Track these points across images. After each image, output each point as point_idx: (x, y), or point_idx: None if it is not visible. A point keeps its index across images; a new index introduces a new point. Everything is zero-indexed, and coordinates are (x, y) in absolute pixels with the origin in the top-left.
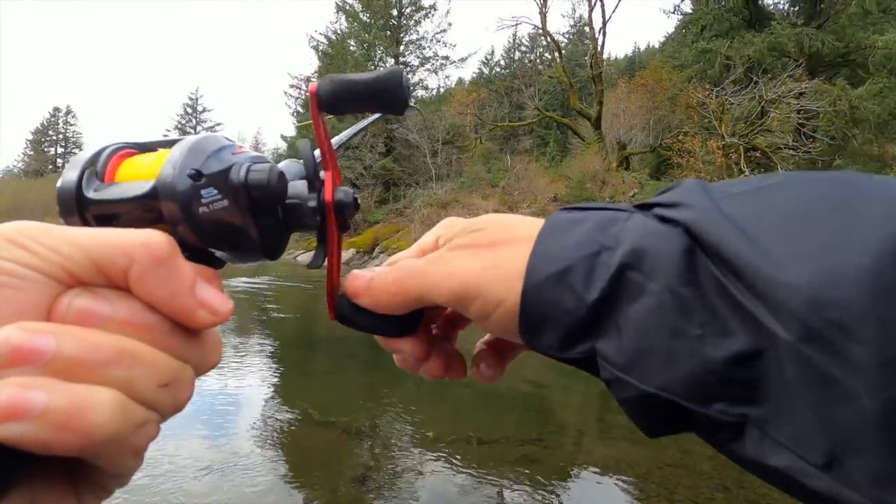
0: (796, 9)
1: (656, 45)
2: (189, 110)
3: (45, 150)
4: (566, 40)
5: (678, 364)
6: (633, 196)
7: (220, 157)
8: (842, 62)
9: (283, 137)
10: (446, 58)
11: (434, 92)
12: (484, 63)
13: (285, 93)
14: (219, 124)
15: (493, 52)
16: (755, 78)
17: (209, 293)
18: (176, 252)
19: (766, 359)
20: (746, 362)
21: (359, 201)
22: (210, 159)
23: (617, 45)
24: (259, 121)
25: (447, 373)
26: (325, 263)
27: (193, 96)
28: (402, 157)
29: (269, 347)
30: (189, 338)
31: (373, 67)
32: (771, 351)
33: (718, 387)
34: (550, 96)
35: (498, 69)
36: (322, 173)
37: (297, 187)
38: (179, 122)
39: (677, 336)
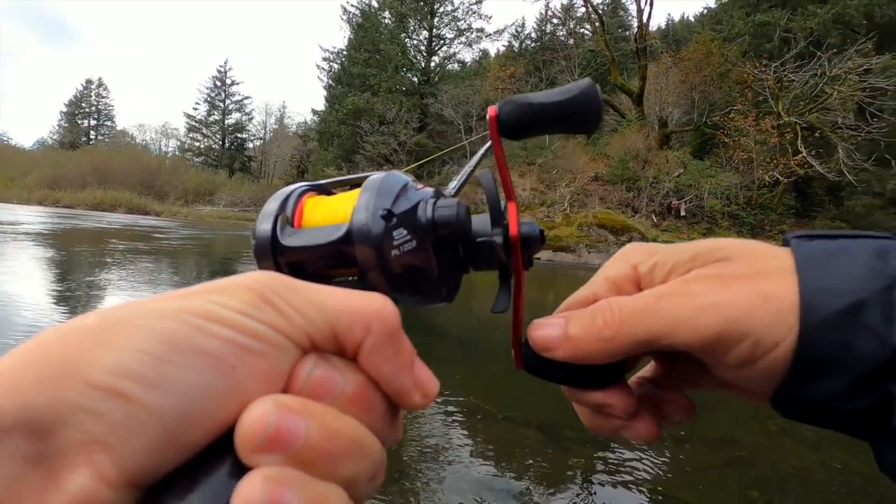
0: None
1: (691, 18)
2: (218, 83)
3: (79, 122)
4: (602, 11)
5: None
6: (677, 176)
7: (407, 195)
8: None
9: (314, 111)
10: (481, 30)
11: (467, 66)
12: (514, 36)
13: (317, 66)
14: (247, 98)
15: (524, 24)
16: (819, 53)
17: (424, 372)
18: (400, 324)
19: None
20: None
21: (545, 234)
22: (399, 199)
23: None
24: (285, 93)
25: (661, 425)
26: (511, 306)
27: (222, 69)
28: (435, 132)
29: None
30: (394, 419)
31: (406, 39)
32: None
33: None
34: (585, 71)
35: (529, 41)
36: (504, 205)
37: (479, 222)
38: (209, 95)
39: None
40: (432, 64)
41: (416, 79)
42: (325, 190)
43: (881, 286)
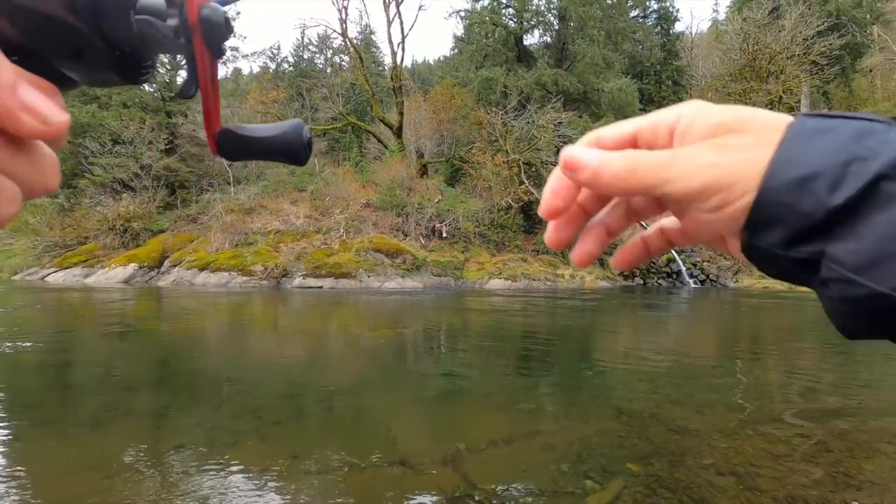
0: (548, 52)
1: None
2: None
3: None
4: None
5: None
6: (437, 202)
7: None
8: (583, 99)
9: None
10: (236, 49)
11: (221, 84)
12: (270, 58)
13: None
14: None
15: (279, 48)
16: (528, 106)
17: (36, 98)
18: None
19: None
20: None
21: (231, 23)
22: None
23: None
24: None
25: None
26: (199, 94)
27: None
28: (189, 156)
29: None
30: (13, 149)
31: None
32: None
33: None
34: (350, 101)
35: (286, 65)
36: None
37: (153, 3)
38: None
39: None
40: (178, 79)
41: (159, 94)
42: None
43: (839, 161)
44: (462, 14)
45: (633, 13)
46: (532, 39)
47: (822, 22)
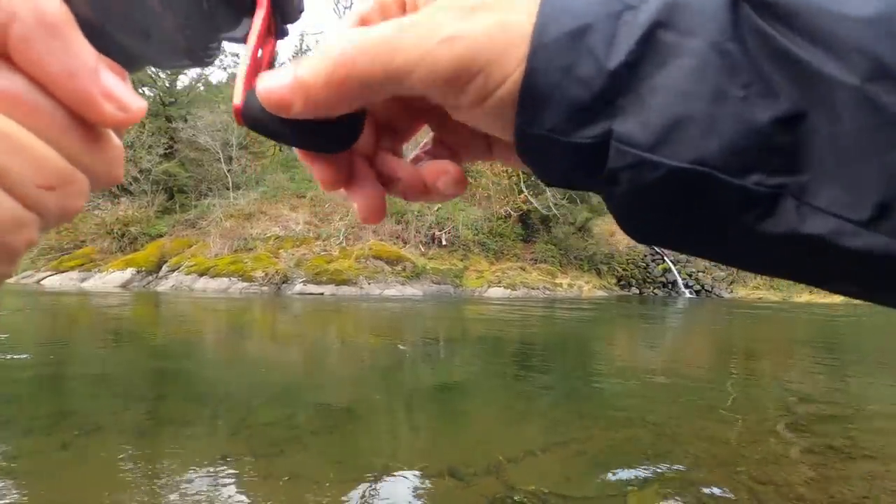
0: None
1: None
2: None
3: None
4: None
5: (718, 132)
6: (437, 210)
7: None
8: None
9: None
10: (237, 55)
11: (221, 90)
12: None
13: None
14: None
15: (277, 54)
16: None
17: (117, 84)
18: (72, 23)
19: (812, 120)
20: (790, 126)
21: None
22: None
23: None
24: None
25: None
26: (248, 52)
27: None
28: (188, 161)
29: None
30: (87, 138)
31: None
32: (820, 108)
33: (759, 154)
34: None
35: None
36: None
37: None
38: None
39: (719, 99)
40: (179, 84)
41: (159, 98)
42: None
43: (610, 10)
44: None
45: None
46: None
47: None
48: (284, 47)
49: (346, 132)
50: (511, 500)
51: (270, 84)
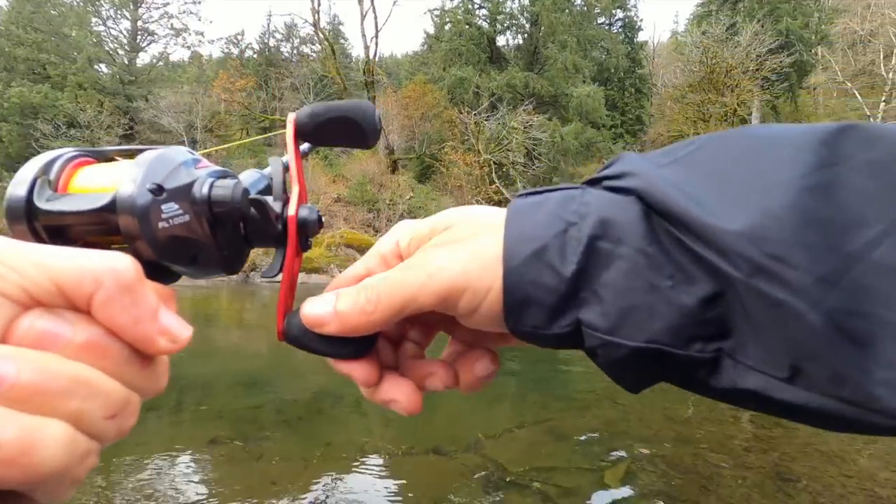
0: (520, 54)
1: (399, 56)
2: None
3: None
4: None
5: (659, 315)
6: (409, 199)
7: (182, 171)
8: (553, 103)
9: None
10: (201, 33)
11: (186, 71)
12: (233, 43)
13: None
14: None
15: (243, 33)
16: (500, 107)
17: (171, 319)
18: (142, 278)
19: (728, 297)
20: (713, 303)
21: (323, 220)
22: (173, 174)
23: (361, 48)
24: None
25: (421, 388)
26: (280, 278)
27: None
28: (149, 142)
29: None
30: (143, 365)
31: (101, 27)
32: (729, 289)
33: (695, 328)
34: (319, 94)
35: (250, 52)
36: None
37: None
38: None
39: (653, 291)
40: (139, 62)
41: (118, 76)
42: (107, 157)
43: (557, 230)
44: (436, 13)
45: (600, 20)
46: (504, 41)
47: (773, 40)
48: (249, 27)
49: (365, 342)
50: (492, 472)
51: (314, 311)
